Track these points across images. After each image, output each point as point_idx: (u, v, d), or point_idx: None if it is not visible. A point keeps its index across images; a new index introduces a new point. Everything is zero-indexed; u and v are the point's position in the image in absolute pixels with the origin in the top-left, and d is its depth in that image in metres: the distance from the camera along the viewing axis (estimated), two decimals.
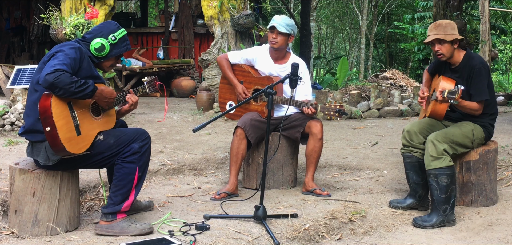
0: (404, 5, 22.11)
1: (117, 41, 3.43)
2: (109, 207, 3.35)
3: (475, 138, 3.99)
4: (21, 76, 7.03)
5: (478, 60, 3.97)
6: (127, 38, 3.51)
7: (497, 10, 13.20)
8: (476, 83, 3.91)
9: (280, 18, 4.40)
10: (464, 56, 4.00)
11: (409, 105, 8.63)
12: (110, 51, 3.42)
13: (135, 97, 3.56)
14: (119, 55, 3.49)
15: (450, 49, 3.95)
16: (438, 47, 3.94)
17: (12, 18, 13.15)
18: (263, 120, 4.34)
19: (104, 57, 3.43)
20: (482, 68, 3.92)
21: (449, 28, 3.93)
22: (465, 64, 3.97)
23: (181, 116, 7.74)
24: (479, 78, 3.90)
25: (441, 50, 3.94)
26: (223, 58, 4.64)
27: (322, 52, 28.72)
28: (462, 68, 3.98)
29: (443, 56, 3.96)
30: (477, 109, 3.94)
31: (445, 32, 3.91)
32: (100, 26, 3.45)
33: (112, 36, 3.41)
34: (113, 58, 3.49)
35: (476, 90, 3.92)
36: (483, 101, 3.93)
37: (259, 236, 3.36)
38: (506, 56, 23.83)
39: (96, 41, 3.37)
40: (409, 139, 4.05)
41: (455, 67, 4.03)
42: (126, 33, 3.52)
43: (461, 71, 3.99)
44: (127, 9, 22.23)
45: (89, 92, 3.15)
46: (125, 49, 3.49)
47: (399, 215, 3.98)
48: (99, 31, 3.41)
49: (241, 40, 8.54)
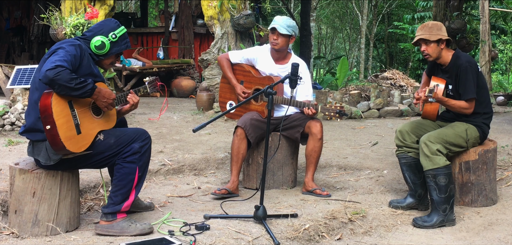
0: (404, 5, 22.12)
1: (118, 39, 3.43)
2: (109, 207, 3.35)
3: (469, 138, 4.00)
4: (21, 76, 7.03)
5: (464, 59, 3.99)
6: (127, 36, 3.51)
7: (497, 10, 13.21)
8: (463, 82, 3.93)
9: (281, 19, 4.40)
10: (453, 56, 4.02)
11: (409, 105, 8.63)
12: (111, 49, 3.42)
13: (136, 97, 3.56)
14: (119, 53, 3.49)
15: (436, 49, 3.97)
16: (424, 47, 3.98)
17: (12, 18, 13.15)
18: (263, 120, 4.35)
19: (105, 55, 3.43)
20: (468, 66, 3.93)
21: (435, 29, 3.96)
22: (453, 64, 4.00)
23: (181, 116, 7.74)
24: (465, 76, 3.92)
25: (427, 50, 3.97)
26: (223, 58, 4.64)
27: (322, 52, 28.73)
28: (451, 68, 4.01)
29: (429, 56, 4.00)
30: (466, 107, 3.95)
31: (430, 32, 3.94)
32: (100, 24, 3.45)
33: (112, 34, 3.41)
34: (113, 56, 3.49)
35: (463, 89, 3.94)
36: (472, 99, 3.94)
37: (259, 236, 3.36)
38: (506, 56, 23.82)
39: (96, 39, 3.37)
40: (402, 139, 4.08)
41: (445, 67, 4.05)
42: (126, 30, 3.52)
43: (450, 71, 4.02)
44: (127, 9, 22.23)
45: (88, 90, 3.15)
46: (125, 47, 3.49)
47: (399, 215, 3.98)
48: (99, 29, 3.41)
49: (241, 40, 8.53)
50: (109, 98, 3.32)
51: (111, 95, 3.34)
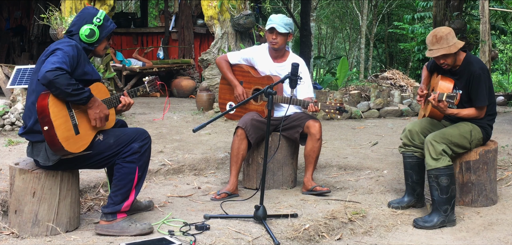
0: (404, 5, 22.12)
1: (103, 22, 3.42)
2: (109, 207, 3.35)
3: (473, 139, 3.99)
4: (21, 76, 7.03)
5: (477, 65, 3.92)
6: (109, 17, 3.50)
7: (497, 10, 13.20)
8: (476, 89, 3.90)
9: (278, 18, 4.40)
10: (464, 59, 3.96)
11: (409, 105, 8.63)
12: (100, 33, 3.41)
13: (130, 99, 3.55)
14: (110, 34, 3.47)
15: (454, 59, 3.93)
16: (443, 61, 3.91)
17: (12, 18, 13.14)
18: (263, 120, 4.35)
19: (97, 41, 3.42)
20: (481, 74, 3.89)
21: (450, 38, 3.85)
22: (465, 68, 3.95)
23: (181, 116, 7.74)
24: (478, 84, 3.88)
25: (446, 62, 3.91)
26: (222, 59, 4.64)
27: (322, 52, 28.72)
28: (462, 71, 3.97)
29: (447, 66, 3.95)
30: (477, 115, 3.94)
31: (448, 45, 3.84)
32: (79, 16, 3.42)
33: (96, 18, 3.39)
34: (105, 40, 3.48)
35: (476, 97, 3.91)
36: (484, 107, 3.93)
37: (259, 236, 3.36)
38: (506, 56, 23.84)
39: (84, 28, 3.35)
40: (411, 138, 4.05)
41: (455, 69, 4.01)
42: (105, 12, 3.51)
43: (460, 74, 3.98)
44: (127, 9, 22.22)
45: (84, 98, 3.15)
46: (112, 27, 3.47)
47: (399, 215, 3.98)
48: (82, 19, 3.39)
49: (241, 40, 8.53)
50: (101, 112, 3.28)
51: (105, 110, 3.30)
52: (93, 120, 3.26)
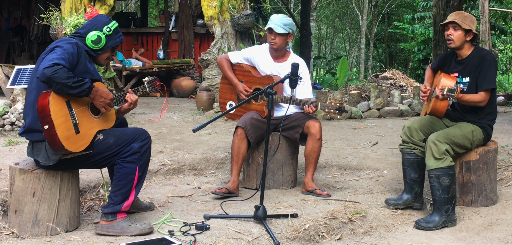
0: (404, 5, 22.12)
1: (112, 32, 3.43)
2: (109, 207, 3.35)
3: (474, 139, 3.99)
4: (21, 76, 7.03)
5: (488, 51, 4.05)
6: (119, 29, 3.52)
7: (497, 10, 13.21)
8: (486, 72, 3.92)
9: (277, 19, 4.40)
10: (474, 49, 4.04)
11: (409, 105, 8.63)
12: (107, 43, 3.42)
13: (135, 96, 3.56)
14: (115, 46, 3.49)
15: (461, 38, 3.97)
16: (450, 32, 3.97)
17: (12, 18, 13.15)
18: (263, 120, 4.35)
19: (101, 49, 3.42)
20: (492, 59, 3.97)
21: (468, 20, 3.97)
22: (474, 55, 4.01)
23: (181, 116, 7.74)
24: (488, 67, 3.93)
25: (453, 35, 3.97)
26: (223, 59, 4.65)
27: (322, 52, 28.73)
28: (470, 59, 4.01)
29: (452, 42, 3.98)
30: (481, 100, 3.94)
31: (463, 20, 3.95)
32: (92, 20, 3.45)
33: (106, 27, 3.41)
34: (109, 50, 3.49)
35: (484, 79, 3.92)
36: (489, 91, 3.94)
37: (259, 236, 3.36)
38: (506, 56, 23.85)
39: (92, 34, 3.37)
40: (410, 135, 4.06)
41: (462, 59, 4.04)
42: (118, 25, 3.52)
43: (467, 63, 4.01)
44: (127, 9, 22.23)
45: (85, 89, 3.14)
46: (120, 40, 3.49)
47: (399, 215, 3.98)
48: (93, 25, 3.41)
49: (241, 40, 8.53)
50: (106, 98, 3.30)
51: (109, 95, 3.33)
52: (103, 108, 3.30)
